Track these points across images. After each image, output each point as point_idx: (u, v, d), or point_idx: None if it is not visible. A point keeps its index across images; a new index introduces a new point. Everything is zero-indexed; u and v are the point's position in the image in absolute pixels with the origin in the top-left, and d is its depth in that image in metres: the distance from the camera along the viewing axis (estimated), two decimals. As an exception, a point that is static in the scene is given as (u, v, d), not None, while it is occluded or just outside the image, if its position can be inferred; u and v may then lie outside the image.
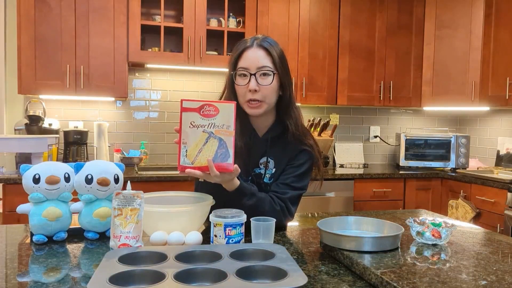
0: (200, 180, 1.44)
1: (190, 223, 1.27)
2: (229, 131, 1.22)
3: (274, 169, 1.50)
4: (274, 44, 1.45)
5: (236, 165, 1.25)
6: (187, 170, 1.23)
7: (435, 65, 3.82)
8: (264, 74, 1.40)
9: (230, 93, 1.45)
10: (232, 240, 1.17)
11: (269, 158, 1.50)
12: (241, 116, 1.45)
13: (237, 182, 1.34)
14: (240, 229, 1.19)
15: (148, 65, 3.49)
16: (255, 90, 1.39)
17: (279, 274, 0.94)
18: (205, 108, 1.21)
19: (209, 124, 1.21)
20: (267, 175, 1.50)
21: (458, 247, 1.21)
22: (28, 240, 1.31)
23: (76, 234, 1.34)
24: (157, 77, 3.66)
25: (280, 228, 1.48)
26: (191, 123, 1.21)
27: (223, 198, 1.35)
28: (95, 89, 3.19)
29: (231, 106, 1.22)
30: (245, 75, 1.41)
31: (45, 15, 3.07)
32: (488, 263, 1.06)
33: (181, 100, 1.22)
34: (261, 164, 1.50)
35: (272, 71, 1.41)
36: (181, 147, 1.22)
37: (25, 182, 1.27)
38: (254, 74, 1.39)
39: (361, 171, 3.61)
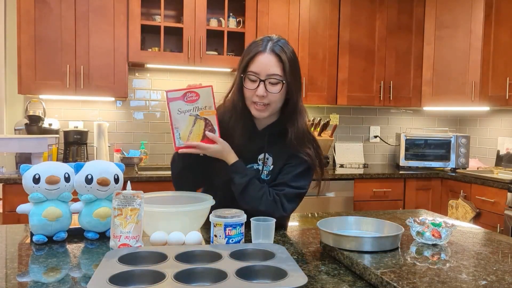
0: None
1: (190, 223, 1.27)
2: (212, 110, 1.39)
3: (272, 166, 1.50)
4: (287, 49, 1.42)
5: (219, 137, 1.40)
6: (182, 150, 1.41)
7: (435, 65, 3.82)
8: (273, 82, 1.40)
9: (238, 93, 1.46)
10: (232, 240, 1.17)
11: (268, 155, 1.50)
12: (244, 114, 1.47)
13: (234, 158, 1.43)
14: (240, 229, 1.19)
15: (148, 65, 3.48)
16: (263, 96, 1.40)
17: (279, 274, 0.94)
18: (188, 95, 1.37)
19: (193, 108, 1.38)
20: (265, 172, 1.50)
21: (458, 247, 1.21)
22: (28, 240, 1.31)
23: (76, 234, 1.34)
24: (157, 77, 3.66)
25: (281, 227, 1.49)
26: (178, 110, 1.38)
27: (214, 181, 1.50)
28: (95, 89, 3.18)
29: (208, 90, 1.38)
30: (254, 80, 1.41)
31: (45, 15, 3.07)
32: (488, 263, 1.06)
33: (166, 92, 1.38)
34: (259, 160, 1.51)
35: (281, 80, 1.40)
36: (174, 131, 1.39)
37: (25, 182, 1.27)
38: (264, 81, 1.40)
39: (361, 171, 3.61)
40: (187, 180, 1.53)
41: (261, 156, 1.51)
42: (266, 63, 1.39)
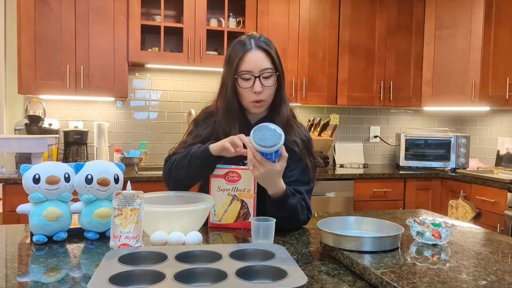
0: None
1: (190, 223, 1.27)
2: (250, 193, 1.42)
3: None
4: (270, 43, 1.49)
5: None
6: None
7: (435, 65, 3.82)
8: (266, 76, 1.45)
9: (232, 94, 1.47)
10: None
11: None
12: (239, 114, 1.50)
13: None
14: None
15: (148, 65, 3.48)
16: (260, 92, 1.44)
17: (279, 274, 0.94)
18: (229, 175, 1.42)
19: (232, 188, 1.42)
20: None
21: (458, 247, 1.21)
22: (28, 240, 1.31)
23: (76, 234, 1.34)
24: (157, 77, 3.66)
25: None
26: (218, 187, 1.43)
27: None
28: (95, 89, 3.19)
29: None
30: (249, 78, 1.44)
31: (45, 15, 3.07)
32: (488, 263, 1.06)
33: None
34: None
35: (274, 72, 1.46)
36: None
37: (25, 182, 1.27)
38: (258, 77, 1.44)
39: (361, 171, 3.61)
40: (189, 184, 1.53)
41: None
42: (257, 59, 1.44)
